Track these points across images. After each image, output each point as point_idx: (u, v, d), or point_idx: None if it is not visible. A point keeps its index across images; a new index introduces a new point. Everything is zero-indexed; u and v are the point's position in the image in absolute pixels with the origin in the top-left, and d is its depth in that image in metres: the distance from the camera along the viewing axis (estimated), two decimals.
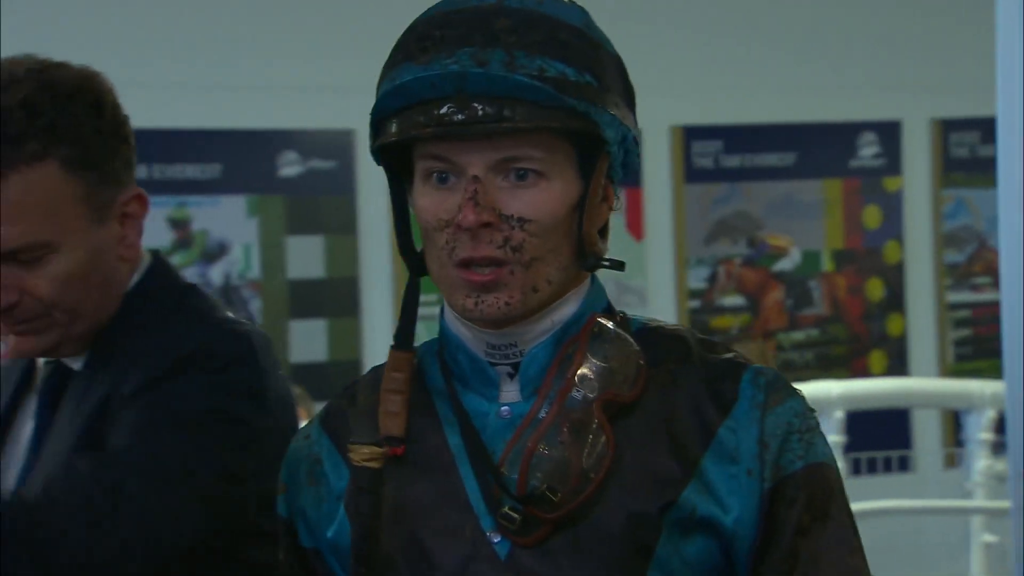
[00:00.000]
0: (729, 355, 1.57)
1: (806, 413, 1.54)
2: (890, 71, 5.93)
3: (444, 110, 1.44)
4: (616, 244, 4.60)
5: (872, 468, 5.18)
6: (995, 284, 5.63)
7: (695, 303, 5.90)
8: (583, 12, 1.55)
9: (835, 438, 4.37)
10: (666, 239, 5.82)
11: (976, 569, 4.52)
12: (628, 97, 1.57)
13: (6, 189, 1.80)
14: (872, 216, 6.03)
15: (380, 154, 1.55)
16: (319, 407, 1.79)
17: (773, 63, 5.85)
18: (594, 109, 1.47)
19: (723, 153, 5.87)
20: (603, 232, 1.57)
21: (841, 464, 4.27)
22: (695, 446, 1.50)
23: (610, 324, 1.54)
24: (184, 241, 5.05)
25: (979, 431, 4.46)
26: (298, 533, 1.65)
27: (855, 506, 4.08)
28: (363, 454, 1.48)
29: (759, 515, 1.49)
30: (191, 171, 5.02)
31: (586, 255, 1.53)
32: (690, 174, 5.85)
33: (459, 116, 1.43)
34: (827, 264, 6.03)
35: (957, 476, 4.84)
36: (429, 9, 1.52)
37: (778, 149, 5.94)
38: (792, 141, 5.96)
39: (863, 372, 5.96)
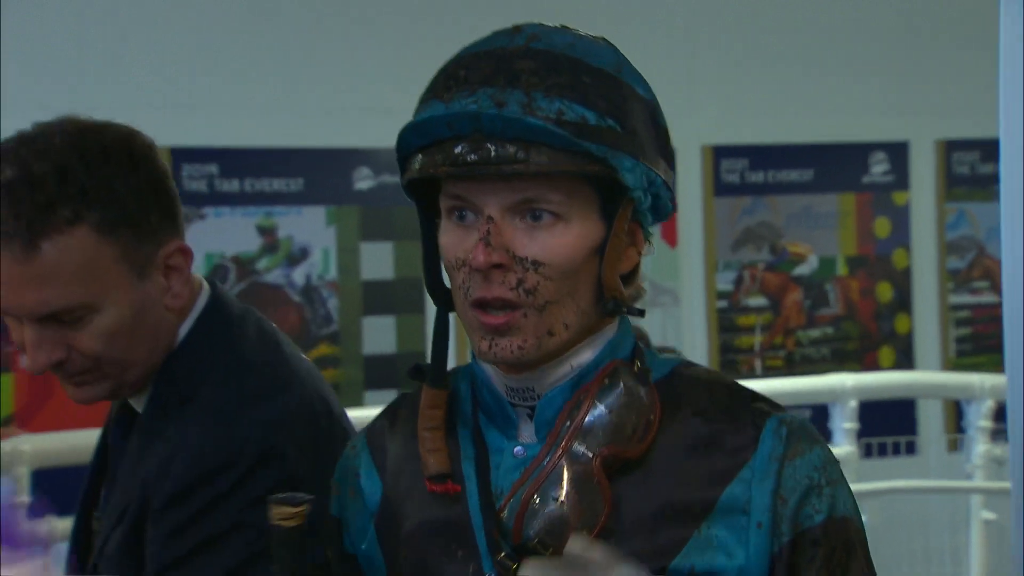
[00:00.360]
0: (757, 404, 1.46)
1: (827, 465, 1.44)
2: (898, 97, 5.95)
3: (459, 149, 1.35)
4: (656, 252, 4.67)
5: (882, 452, 5.07)
6: (993, 288, 6.16)
7: (723, 303, 5.88)
8: (616, 55, 1.45)
9: (849, 425, 4.45)
10: (697, 246, 5.82)
11: (976, 543, 4.46)
12: (659, 142, 1.46)
13: (42, 255, 1.72)
14: (882, 226, 6.04)
15: (410, 190, 1.48)
16: (388, 395, 1.77)
17: (793, 89, 5.86)
18: (612, 154, 1.37)
19: (748, 170, 5.88)
20: (632, 276, 1.48)
21: (853, 448, 4.50)
22: (699, 505, 1.39)
23: (627, 373, 1.45)
24: (271, 246, 5.17)
25: (979, 419, 4.44)
26: (343, 536, 1.60)
27: (867, 486, 4.15)
28: (282, 512, 1.33)
29: (771, 570, 1.39)
30: (277, 184, 5.16)
31: (604, 300, 1.44)
32: (719, 188, 5.84)
33: (472, 156, 1.34)
34: (841, 269, 6.01)
35: (958, 459, 4.79)
36: (463, 49, 1.44)
37: (798, 166, 5.95)
38: (810, 159, 5.96)
39: (873, 366, 5.97)
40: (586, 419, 1.40)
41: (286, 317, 5.19)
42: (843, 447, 4.41)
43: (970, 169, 6.09)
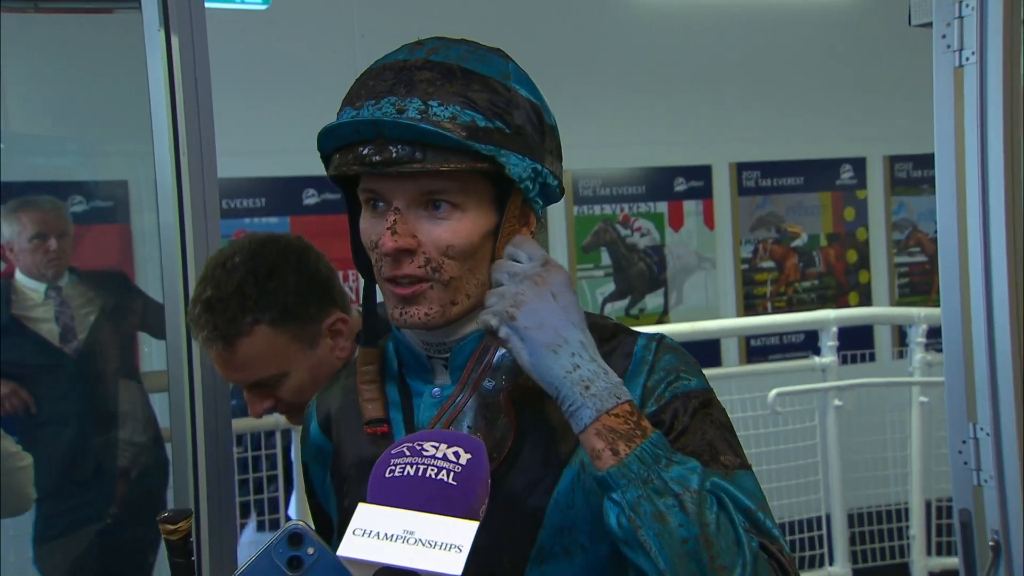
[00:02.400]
0: (630, 333, 1.27)
1: (687, 361, 1.25)
2: (859, 129, 5.96)
3: (365, 151, 1.17)
4: (699, 233, 5.22)
5: (853, 360, 5.03)
6: (923, 252, 6.16)
7: (745, 266, 5.88)
8: (505, 64, 1.23)
9: (831, 343, 4.41)
10: (727, 228, 5.86)
11: (915, 418, 4.51)
12: (543, 137, 1.24)
13: (237, 350, 1.67)
14: (849, 213, 6.10)
15: (337, 181, 1.28)
16: None
17: (790, 124, 5.88)
18: (499, 152, 1.17)
19: (761, 178, 5.92)
20: None
21: (835, 358, 4.40)
22: None
23: None
24: None
25: (917, 337, 4.46)
26: (312, 478, 1.41)
27: (844, 382, 4.41)
28: (166, 529, 1.11)
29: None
30: None
31: None
32: (741, 191, 5.88)
33: (377, 157, 1.16)
34: (823, 242, 6.06)
35: (902, 364, 4.78)
36: (376, 61, 1.24)
37: (793, 175, 5.98)
38: (801, 170, 5.99)
39: (846, 305, 5.99)
40: (494, 359, 1.23)
41: None
42: (828, 357, 4.41)
43: (906, 175, 6.14)
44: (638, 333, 1.27)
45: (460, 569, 0.90)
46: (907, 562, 4.68)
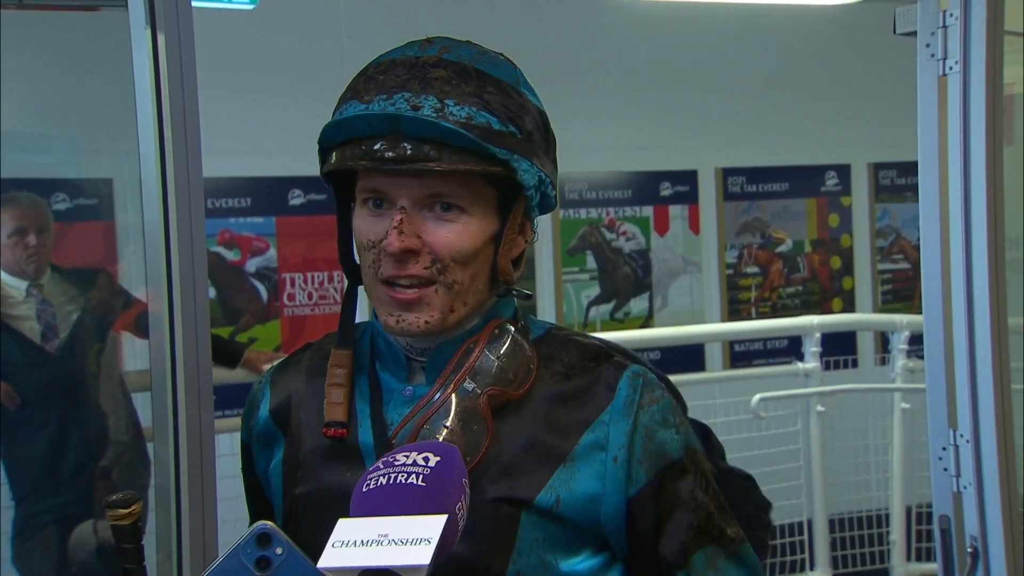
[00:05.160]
0: (616, 359, 1.23)
1: (676, 409, 1.24)
2: (844, 136, 5.98)
3: (377, 147, 1.13)
4: (684, 237, 5.27)
5: (836, 366, 5.01)
6: (906, 259, 6.19)
7: (730, 271, 5.89)
8: (514, 69, 1.22)
9: (814, 349, 4.43)
10: (712, 233, 5.87)
11: (896, 423, 4.55)
12: (547, 145, 1.23)
13: None
14: (834, 219, 6.12)
15: (328, 178, 1.23)
16: None
17: (776, 131, 5.88)
18: (513, 157, 1.16)
19: (746, 183, 5.93)
20: (517, 261, 1.25)
21: (817, 364, 4.41)
22: (566, 444, 1.18)
23: (511, 328, 1.22)
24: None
25: (899, 343, 4.49)
26: (252, 460, 1.36)
27: (827, 388, 4.41)
28: (116, 514, 1.07)
29: (628, 501, 1.18)
30: None
31: (499, 283, 1.22)
32: (726, 196, 5.88)
33: (390, 153, 1.13)
34: (808, 247, 6.08)
35: (884, 371, 4.76)
36: (379, 56, 1.21)
37: (778, 181, 6.00)
38: (786, 176, 6.02)
39: (829, 311, 6.01)
40: (476, 363, 1.18)
41: None
42: (810, 363, 4.42)
43: (891, 182, 6.16)
44: (623, 364, 1.23)
45: (428, 559, 0.92)
46: (887, 567, 4.69)
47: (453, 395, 1.17)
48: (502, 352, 1.20)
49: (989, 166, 1.75)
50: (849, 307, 6.13)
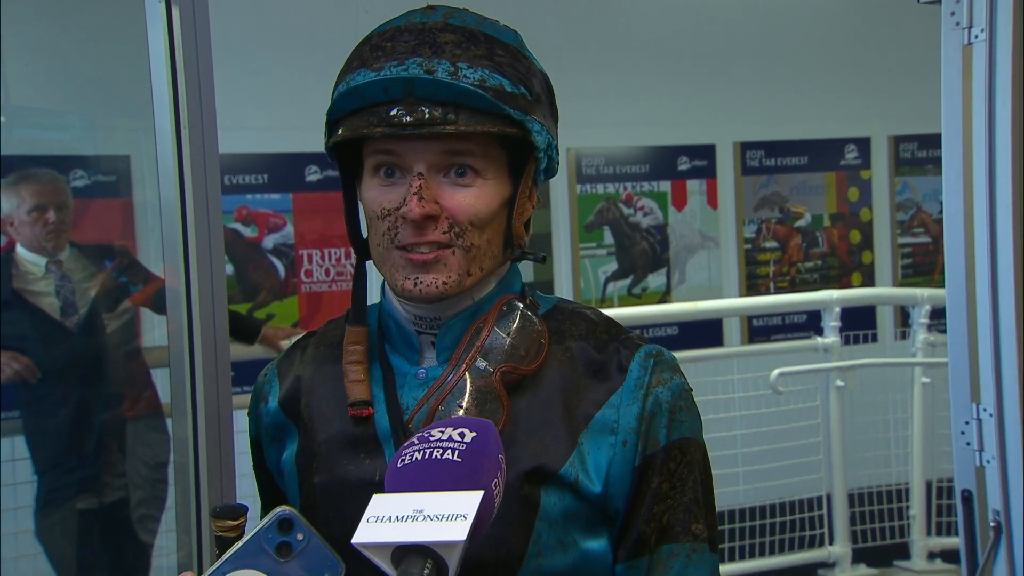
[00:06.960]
0: (627, 336, 1.22)
1: (684, 393, 1.20)
2: (864, 109, 5.94)
3: (394, 112, 1.11)
4: (702, 212, 5.24)
5: (856, 340, 5.03)
6: (926, 232, 6.19)
7: (748, 246, 5.89)
8: (516, 34, 1.21)
9: (834, 323, 4.44)
10: (731, 207, 5.86)
11: (916, 398, 4.56)
12: (552, 109, 1.22)
13: None
14: (853, 193, 6.10)
15: (333, 151, 1.20)
16: None
17: (795, 104, 5.88)
18: (527, 118, 1.15)
19: (765, 157, 5.91)
20: (527, 226, 1.24)
21: (837, 338, 4.42)
22: (580, 422, 1.16)
23: (519, 304, 1.21)
24: None
25: (920, 318, 4.50)
26: (262, 453, 1.33)
27: (847, 363, 4.44)
28: (224, 525, 1.03)
29: (632, 478, 1.16)
30: None
31: (512, 247, 1.21)
32: (745, 170, 5.87)
33: (407, 118, 1.10)
34: (827, 222, 6.06)
35: (905, 344, 4.75)
36: (382, 25, 1.18)
37: (797, 154, 5.97)
38: (805, 149, 5.98)
39: (848, 285, 6.00)
40: (487, 341, 1.17)
41: None
42: (830, 337, 4.44)
43: (911, 155, 6.14)
44: (635, 344, 1.21)
45: (464, 535, 0.91)
46: (907, 542, 4.70)
47: (467, 375, 1.16)
48: (512, 329, 1.18)
49: (1015, 138, 1.72)
50: (868, 281, 6.12)
